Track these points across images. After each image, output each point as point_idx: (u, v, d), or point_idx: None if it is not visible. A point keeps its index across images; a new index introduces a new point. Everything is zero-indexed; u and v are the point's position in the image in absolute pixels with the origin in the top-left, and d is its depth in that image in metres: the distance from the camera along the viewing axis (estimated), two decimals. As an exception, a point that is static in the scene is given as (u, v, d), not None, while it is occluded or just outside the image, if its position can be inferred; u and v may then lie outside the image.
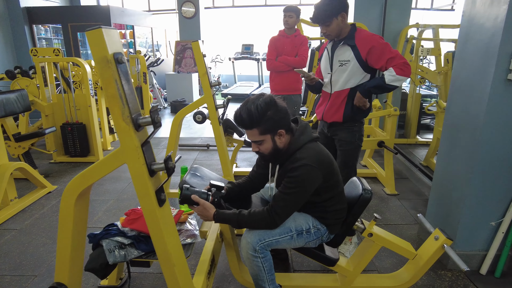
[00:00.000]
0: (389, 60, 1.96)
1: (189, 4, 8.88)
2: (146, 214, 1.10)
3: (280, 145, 1.49)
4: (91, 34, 0.95)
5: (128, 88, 1.04)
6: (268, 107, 1.41)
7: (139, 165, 1.04)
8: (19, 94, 3.46)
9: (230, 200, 1.71)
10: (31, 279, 2.03)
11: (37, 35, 8.20)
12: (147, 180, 1.06)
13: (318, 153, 1.49)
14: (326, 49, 2.18)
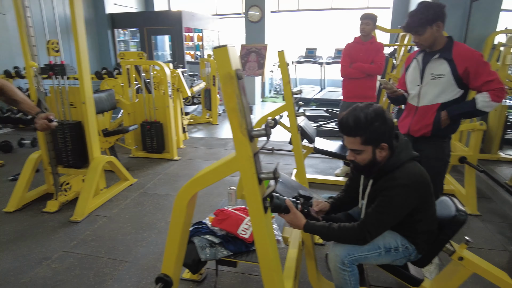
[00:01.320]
0: (486, 83, 1.85)
1: (256, 8, 9.07)
2: (253, 220, 1.17)
3: (379, 159, 1.47)
4: (218, 51, 1.04)
5: (245, 102, 1.11)
6: (377, 118, 1.40)
7: (251, 173, 1.11)
8: (108, 94, 3.83)
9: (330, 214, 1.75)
10: (122, 264, 2.24)
11: (117, 38, 8.96)
12: (256, 188, 1.13)
13: (417, 174, 1.45)
14: (416, 60, 2.09)
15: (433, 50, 1.99)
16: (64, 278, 2.11)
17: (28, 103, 1.88)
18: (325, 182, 3.56)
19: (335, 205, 1.78)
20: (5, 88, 1.82)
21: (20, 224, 2.76)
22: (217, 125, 6.34)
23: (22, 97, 1.85)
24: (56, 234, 2.60)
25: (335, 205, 1.79)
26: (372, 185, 1.56)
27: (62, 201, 3.03)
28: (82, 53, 2.87)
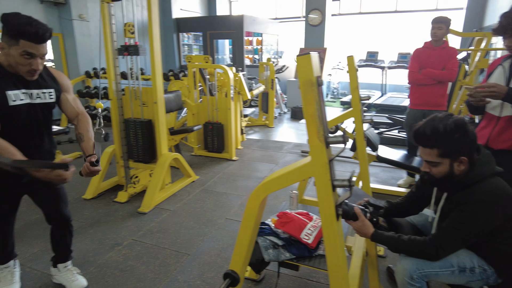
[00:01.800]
0: None
1: (316, 11, 8.99)
2: (325, 226, 1.17)
3: (457, 173, 1.38)
4: (302, 59, 1.06)
5: (323, 109, 1.12)
6: (457, 130, 1.32)
7: (326, 179, 1.12)
8: (176, 95, 4.05)
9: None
10: (185, 256, 2.37)
11: (181, 42, 9.47)
12: (330, 194, 1.13)
13: (500, 190, 1.35)
14: (502, 67, 1.93)
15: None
16: (133, 264, 2.28)
17: (89, 145, 1.76)
18: (386, 193, 3.41)
19: (388, 210, 1.71)
20: (80, 121, 1.81)
21: (95, 211, 3.04)
22: (273, 128, 6.40)
23: (89, 137, 1.78)
24: (125, 223, 2.82)
25: (388, 210, 1.71)
26: (447, 198, 1.48)
27: (131, 193, 3.28)
28: (156, 55, 3.08)
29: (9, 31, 1.45)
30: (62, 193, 1.89)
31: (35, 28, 1.45)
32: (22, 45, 1.46)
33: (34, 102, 1.64)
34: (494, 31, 1.84)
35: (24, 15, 1.48)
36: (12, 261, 2.05)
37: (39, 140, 1.72)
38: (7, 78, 1.54)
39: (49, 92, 1.70)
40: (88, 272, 2.18)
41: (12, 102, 1.54)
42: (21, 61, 1.50)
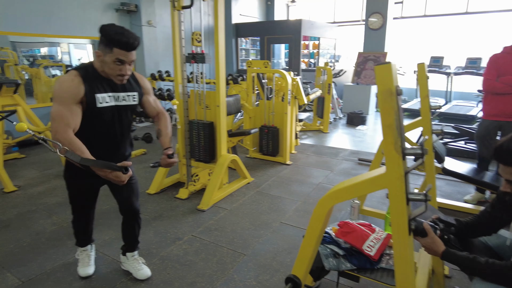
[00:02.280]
0: None
1: (377, 15, 8.69)
2: (396, 240, 1.13)
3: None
4: (381, 68, 1.05)
5: (401, 119, 1.09)
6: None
7: (401, 192, 1.09)
8: (235, 98, 4.18)
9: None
10: (241, 256, 2.43)
11: (239, 46, 9.71)
12: (404, 208, 1.10)
13: None
14: None
15: None
16: (192, 259, 2.39)
17: (167, 139, 1.97)
18: (451, 208, 3.18)
19: (458, 229, 1.59)
20: (161, 119, 2.02)
21: (158, 205, 3.23)
22: (327, 134, 6.30)
23: (167, 132, 1.98)
24: (185, 219, 2.96)
25: (458, 229, 1.59)
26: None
27: (191, 190, 3.44)
28: (220, 62, 3.21)
29: (106, 40, 1.62)
30: (135, 187, 2.05)
31: (127, 37, 1.61)
32: (115, 53, 1.63)
33: (119, 104, 1.80)
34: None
35: (118, 26, 1.64)
36: (90, 245, 2.27)
37: (120, 138, 1.89)
38: (99, 82, 1.72)
39: (133, 95, 1.86)
40: (151, 263, 2.33)
41: (99, 104, 1.71)
42: (113, 67, 1.67)
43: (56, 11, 5.75)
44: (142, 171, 4.18)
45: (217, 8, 3.12)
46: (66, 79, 1.64)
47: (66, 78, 1.65)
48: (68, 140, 1.56)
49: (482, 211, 1.62)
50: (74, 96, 1.62)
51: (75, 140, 1.59)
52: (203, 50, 3.30)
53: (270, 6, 11.20)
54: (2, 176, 3.56)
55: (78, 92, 1.64)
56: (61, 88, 1.62)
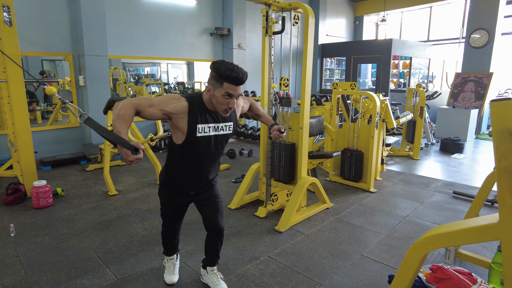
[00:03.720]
0: None
1: (481, 31, 7.85)
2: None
3: None
4: (498, 105, 0.93)
5: (522, 161, 0.95)
6: None
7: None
8: (318, 120, 4.13)
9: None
10: (317, 286, 2.33)
11: (324, 67, 9.67)
12: (522, 266, 0.93)
13: None
14: None
15: None
16: (268, 281, 2.38)
17: (267, 117, 2.39)
18: None
19: None
20: (253, 105, 2.31)
21: (238, 221, 3.33)
22: (417, 160, 5.80)
23: (263, 113, 2.38)
24: (263, 238, 2.99)
25: None
26: None
27: (269, 209, 3.47)
28: (307, 85, 3.22)
29: (217, 76, 1.74)
30: (220, 206, 2.14)
31: (237, 73, 1.71)
32: (225, 87, 1.73)
33: (218, 134, 1.92)
34: None
35: (229, 62, 1.75)
36: (175, 255, 2.43)
37: (210, 163, 2.01)
38: (203, 112, 1.83)
39: (229, 125, 1.97)
40: (228, 279, 2.38)
41: (198, 134, 1.83)
42: (222, 100, 1.77)
43: (159, 36, 6.51)
44: (224, 185, 4.38)
45: (307, 33, 3.16)
46: (177, 98, 1.80)
47: (178, 97, 1.80)
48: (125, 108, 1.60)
49: None
50: (168, 108, 1.74)
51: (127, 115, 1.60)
52: (289, 94, 3.38)
53: (358, 26, 10.99)
54: (108, 180, 4.07)
55: (173, 110, 1.76)
56: (167, 98, 1.78)
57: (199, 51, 7.25)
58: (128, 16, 6.03)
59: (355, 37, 10.98)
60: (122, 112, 1.59)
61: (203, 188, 2.07)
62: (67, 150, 5.57)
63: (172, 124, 1.83)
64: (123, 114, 1.59)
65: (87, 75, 5.41)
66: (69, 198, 3.90)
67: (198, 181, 2.01)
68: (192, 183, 2.02)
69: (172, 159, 1.98)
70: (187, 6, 6.87)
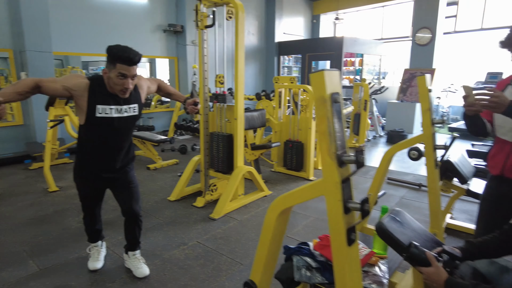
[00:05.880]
0: None
1: (425, 30, 8.34)
2: (334, 250, 1.12)
3: None
4: (315, 76, 1.07)
5: (338, 126, 1.09)
6: None
7: (336, 200, 1.08)
8: (260, 113, 4.28)
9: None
10: (238, 265, 2.46)
11: (282, 64, 9.88)
12: (340, 217, 1.08)
13: None
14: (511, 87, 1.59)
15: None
16: (191, 263, 2.48)
17: (178, 94, 2.38)
18: (462, 230, 2.92)
19: (468, 252, 1.46)
20: (161, 84, 2.33)
21: (175, 212, 3.40)
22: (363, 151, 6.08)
23: (174, 91, 2.38)
24: (196, 226, 3.08)
25: (468, 252, 1.46)
26: None
27: (207, 199, 3.56)
28: (239, 79, 3.33)
29: (110, 57, 1.82)
30: (135, 191, 2.21)
31: (128, 53, 1.80)
32: (118, 68, 1.81)
33: (121, 116, 1.98)
34: (501, 43, 1.63)
35: (122, 45, 1.83)
36: (100, 241, 2.47)
37: (120, 145, 2.07)
38: (104, 94, 1.91)
39: (133, 107, 2.03)
40: (152, 263, 2.46)
41: (98, 114, 1.89)
42: (117, 81, 1.84)
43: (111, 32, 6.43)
44: (169, 179, 4.42)
45: (237, 28, 3.27)
46: (80, 76, 1.89)
47: (81, 76, 1.90)
48: (26, 79, 1.74)
49: (499, 232, 1.49)
50: (68, 84, 1.82)
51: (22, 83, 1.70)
52: (225, 91, 3.49)
53: (316, 25, 11.29)
54: (48, 177, 4.01)
55: (74, 86, 1.83)
56: (71, 75, 1.91)
57: (153, 48, 7.23)
58: (76, 11, 5.92)
59: (313, 36, 11.27)
60: (19, 81, 1.69)
61: (117, 174, 2.13)
62: (10, 149, 5.39)
63: (76, 104, 1.89)
64: (19, 82, 1.70)
65: (30, 71, 5.26)
66: (5, 197, 3.81)
67: (107, 164, 2.06)
68: (102, 166, 2.07)
69: (80, 142, 2.04)
70: (139, 2, 6.83)
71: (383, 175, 2.46)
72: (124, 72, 1.82)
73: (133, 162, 2.25)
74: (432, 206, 2.14)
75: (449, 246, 1.47)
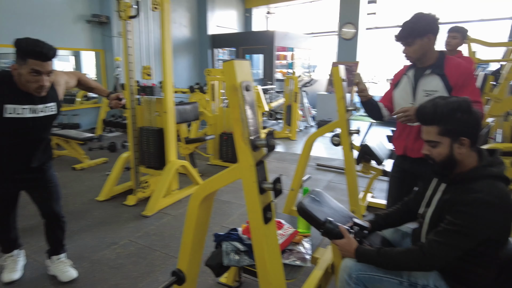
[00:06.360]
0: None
1: (350, 25, 8.92)
2: (252, 229, 1.18)
3: (457, 157, 1.28)
4: (225, 64, 1.11)
5: (251, 112, 1.15)
6: (460, 108, 1.25)
7: (251, 182, 1.14)
8: (193, 106, 4.24)
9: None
10: (172, 259, 2.44)
11: (216, 57, 9.84)
12: (256, 197, 1.15)
13: (503, 193, 1.21)
14: (407, 76, 1.91)
15: (424, 65, 1.84)
16: (123, 262, 2.40)
17: (100, 88, 2.29)
18: (381, 207, 3.26)
19: (376, 223, 1.65)
20: (81, 78, 2.19)
21: (105, 212, 3.24)
22: (295, 141, 6.38)
23: (95, 84, 2.28)
24: (128, 225, 2.97)
25: (377, 223, 1.65)
26: (445, 191, 1.36)
27: (139, 197, 3.45)
28: (167, 70, 3.26)
29: (20, 52, 1.64)
30: (54, 191, 2.07)
31: (41, 47, 1.64)
32: (30, 64, 1.64)
33: (37, 116, 1.82)
34: (396, 37, 1.86)
35: (33, 39, 1.66)
36: (16, 250, 2.26)
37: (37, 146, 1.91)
38: (14, 93, 1.73)
39: (51, 106, 1.88)
40: (80, 266, 2.33)
41: (7, 114, 1.72)
42: (30, 78, 1.67)
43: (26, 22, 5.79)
44: (98, 179, 4.18)
45: (163, 19, 3.19)
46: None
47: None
48: None
49: (402, 203, 1.69)
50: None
51: None
52: (153, 83, 3.39)
53: (248, 18, 11.40)
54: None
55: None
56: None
57: (76, 40, 6.68)
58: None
59: (246, 29, 11.37)
60: None
61: (34, 174, 1.97)
62: None
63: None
64: None
65: None
66: None
67: (22, 164, 1.90)
68: (15, 166, 1.90)
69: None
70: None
71: (306, 160, 2.63)
72: (38, 69, 1.67)
73: (51, 160, 2.09)
74: (350, 186, 2.34)
75: (359, 220, 1.64)
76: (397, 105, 2.00)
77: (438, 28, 1.79)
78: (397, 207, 1.70)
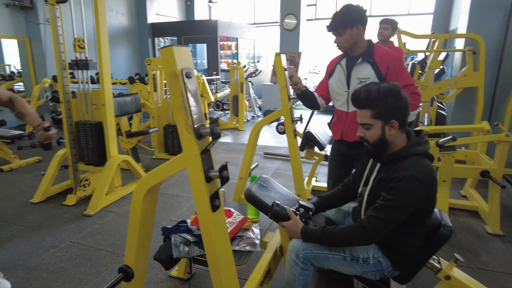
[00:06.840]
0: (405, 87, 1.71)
1: (291, 16, 9.10)
2: (200, 217, 1.18)
3: (389, 138, 1.39)
4: (164, 51, 1.08)
5: (193, 100, 1.14)
6: (390, 93, 1.35)
7: (197, 171, 1.13)
8: (133, 98, 4.05)
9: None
10: (119, 257, 2.35)
11: (157, 47, 9.46)
12: (203, 186, 1.14)
13: (429, 169, 1.35)
14: (340, 65, 2.05)
15: (355, 54, 1.97)
16: (65, 266, 2.25)
17: (33, 117, 1.84)
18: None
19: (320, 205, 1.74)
20: (16, 101, 1.82)
21: (41, 214, 2.99)
22: (243, 131, 6.43)
23: (30, 111, 1.85)
24: (68, 226, 2.79)
25: (320, 205, 1.74)
26: (379, 170, 1.47)
27: (80, 196, 3.25)
28: (104, 60, 3.06)
29: None
30: None
31: None
32: None
33: None
34: (327, 27, 1.98)
35: None
36: None
37: None
38: None
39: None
40: (14, 276, 2.14)
41: None
42: None
43: None
44: (31, 180, 3.84)
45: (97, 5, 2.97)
46: None
47: None
48: None
49: (342, 184, 1.78)
50: None
51: None
52: (87, 57, 3.14)
53: (190, 6, 11.09)
54: None
55: None
56: None
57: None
58: None
59: (188, 18, 11.06)
60: None
61: None
62: None
63: None
64: None
65: None
66: None
67: None
68: None
69: None
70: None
71: (253, 148, 2.67)
72: None
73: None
74: (294, 171, 2.43)
75: (304, 202, 1.72)
76: (333, 93, 2.11)
77: (366, 18, 1.91)
78: (338, 188, 1.80)
